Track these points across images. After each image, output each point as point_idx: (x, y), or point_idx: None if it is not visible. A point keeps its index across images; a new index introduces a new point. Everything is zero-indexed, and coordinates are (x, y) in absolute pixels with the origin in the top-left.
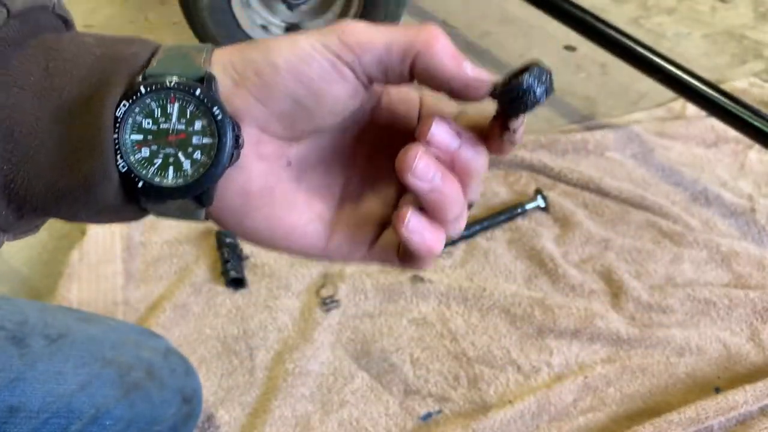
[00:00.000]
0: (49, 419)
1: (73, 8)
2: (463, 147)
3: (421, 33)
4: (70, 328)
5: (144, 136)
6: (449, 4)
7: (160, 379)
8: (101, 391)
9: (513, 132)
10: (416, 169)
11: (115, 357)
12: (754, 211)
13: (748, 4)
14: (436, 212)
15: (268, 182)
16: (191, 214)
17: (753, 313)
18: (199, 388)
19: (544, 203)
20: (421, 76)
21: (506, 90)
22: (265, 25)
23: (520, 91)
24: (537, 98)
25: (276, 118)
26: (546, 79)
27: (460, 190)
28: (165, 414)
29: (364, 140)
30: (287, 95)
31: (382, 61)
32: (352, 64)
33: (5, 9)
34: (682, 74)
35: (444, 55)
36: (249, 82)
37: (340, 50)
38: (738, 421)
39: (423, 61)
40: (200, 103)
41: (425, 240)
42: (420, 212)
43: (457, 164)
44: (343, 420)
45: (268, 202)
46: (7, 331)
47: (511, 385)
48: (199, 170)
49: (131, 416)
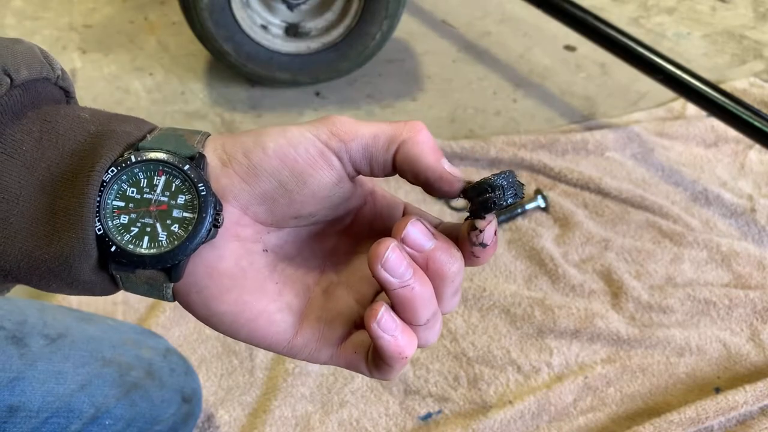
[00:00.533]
0: (49, 418)
1: (73, 8)
2: (437, 249)
3: (407, 125)
4: (69, 327)
5: (126, 204)
6: (449, 4)
7: (159, 378)
8: (101, 391)
9: (480, 232)
10: (387, 261)
11: (115, 357)
12: (754, 211)
13: (748, 4)
14: (406, 312)
15: (240, 264)
16: (160, 289)
17: (753, 313)
18: (198, 387)
19: (544, 203)
20: (402, 165)
21: (476, 186)
22: (265, 25)
23: (489, 188)
24: (505, 197)
25: (258, 200)
26: (515, 183)
27: (432, 293)
28: (164, 413)
29: (345, 237)
30: (271, 176)
31: (368, 149)
32: (339, 152)
33: (9, 79)
34: (682, 74)
35: (425, 146)
36: (237, 162)
37: (328, 138)
38: (738, 421)
39: (405, 151)
40: (186, 179)
41: (397, 341)
42: (393, 312)
43: (430, 266)
44: (343, 420)
45: (238, 285)
46: (7, 330)
47: (511, 385)
48: (174, 242)
49: (131, 416)
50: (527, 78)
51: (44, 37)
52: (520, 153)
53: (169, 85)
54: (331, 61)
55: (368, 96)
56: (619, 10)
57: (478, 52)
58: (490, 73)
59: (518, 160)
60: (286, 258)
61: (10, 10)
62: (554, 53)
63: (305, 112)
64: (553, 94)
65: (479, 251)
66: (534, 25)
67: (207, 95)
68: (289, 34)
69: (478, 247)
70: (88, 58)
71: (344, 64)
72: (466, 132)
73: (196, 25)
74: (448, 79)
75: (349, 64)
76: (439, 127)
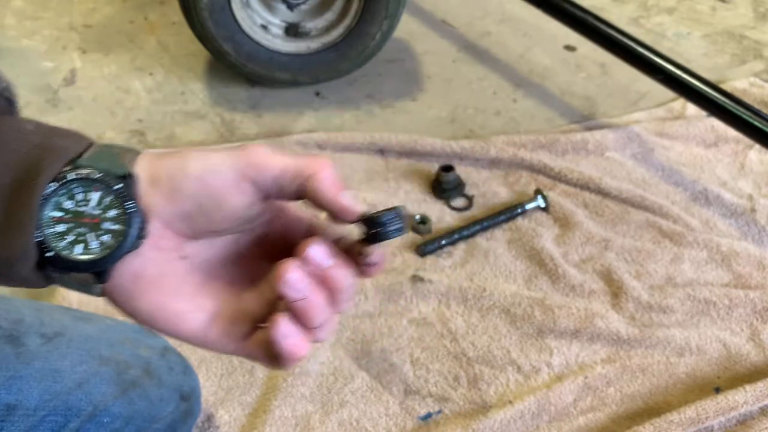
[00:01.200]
0: (47, 417)
1: (72, 8)
2: (334, 267)
3: (313, 162)
4: (66, 326)
5: (63, 214)
6: (449, 4)
7: (157, 377)
8: (98, 389)
9: (367, 255)
10: (288, 279)
11: (113, 355)
12: (754, 211)
13: (748, 4)
14: (302, 318)
15: (160, 270)
16: (89, 288)
17: (753, 313)
18: (197, 386)
19: (544, 203)
20: (307, 195)
21: (369, 219)
22: (265, 25)
23: (380, 223)
24: (390, 232)
25: (179, 217)
26: (402, 221)
27: (326, 303)
28: (163, 411)
29: (256, 247)
30: (191, 198)
31: (277, 180)
32: (253, 180)
33: None
34: (682, 74)
35: (327, 182)
36: (162, 183)
37: (245, 167)
38: (738, 421)
39: (310, 185)
40: (117, 196)
41: (290, 345)
42: (291, 318)
43: (327, 281)
44: (343, 420)
45: (158, 287)
46: (3, 329)
47: (511, 385)
48: (105, 251)
49: (129, 414)
50: (527, 78)
51: (44, 37)
52: (520, 153)
53: (169, 85)
54: (331, 61)
55: (368, 96)
56: (619, 10)
57: (478, 52)
58: (490, 73)
59: (518, 160)
60: (202, 265)
61: (10, 10)
62: (554, 53)
63: (305, 112)
64: (553, 94)
65: (369, 269)
66: (534, 25)
67: (207, 95)
68: (289, 34)
69: (364, 266)
70: (88, 58)
71: (344, 64)
72: (466, 132)
73: (196, 25)
74: (448, 79)
75: (349, 64)
76: (439, 127)
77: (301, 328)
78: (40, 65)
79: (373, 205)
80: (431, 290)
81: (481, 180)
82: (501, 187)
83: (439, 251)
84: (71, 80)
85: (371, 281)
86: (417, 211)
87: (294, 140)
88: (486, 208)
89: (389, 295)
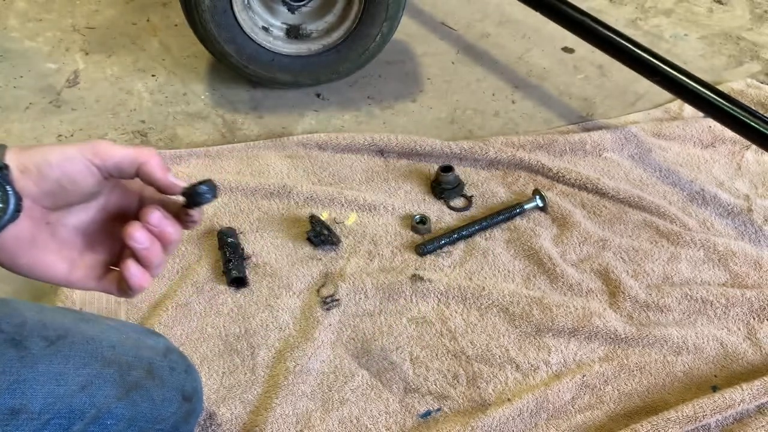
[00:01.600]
0: (51, 420)
1: (75, 9)
2: (166, 225)
3: (144, 152)
4: (68, 329)
5: None
6: (448, 6)
7: (160, 377)
8: (102, 391)
9: (190, 216)
10: (135, 236)
11: (115, 357)
12: (751, 211)
13: (744, 5)
14: (145, 262)
15: (33, 234)
16: None
17: (750, 312)
18: (199, 385)
19: (542, 203)
20: (142, 177)
21: (188, 191)
22: (266, 27)
23: (196, 193)
24: (204, 199)
25: (45, 195)
26: (213, 190)
27: (161, 250)
28: (166, 412)
29: (104, 212)
30: (54, 181)
31: (118, 166)
32: (99, 166)
33: None
34: (680, 75)
35: (156, 167)
36: (31, 171)
37: (92, 157)
38: (735, 419)
39: (143, 169)
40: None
41: (139, 280)
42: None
43: (162, 235)
44: (344, 418)
45: (32, 246)
46: (6, 333)
47: (510, 383)
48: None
49: (132, 415)
50: (526, 79)
51: (47, 38)
52: (518, 153)
53: (171, 87)
54: (332, 63)
55: (368, 97)
56: (617, 12)
57: (477, 53)
58: (489, 75)
59: (517, 161)
60: (65, 227)
61: (13, 12)
62: (552, 55)
63: (306, 113)
64: (551, 95)
65: (191, 225)
66: (532, 27)
67: (209, 96)
68: (290, 36)
69: (189, 223)
70: (91, 60)
71: (345, 65)
72: (465, 133)
73: (198, 27)
74: (448, 80)
75: (349, 66)
76: (439, 128)
77: (144, 268)
78: (43, 67)
79: (211, 183)
80: (431, 289)
81: (480, 180)
82: (500, 187)
83: (439, 251)
84: (74, 81)
85: (371, 280)
86: (417, 211)
87: (295, 141)
88: (485, 208)
89: (389, 294)
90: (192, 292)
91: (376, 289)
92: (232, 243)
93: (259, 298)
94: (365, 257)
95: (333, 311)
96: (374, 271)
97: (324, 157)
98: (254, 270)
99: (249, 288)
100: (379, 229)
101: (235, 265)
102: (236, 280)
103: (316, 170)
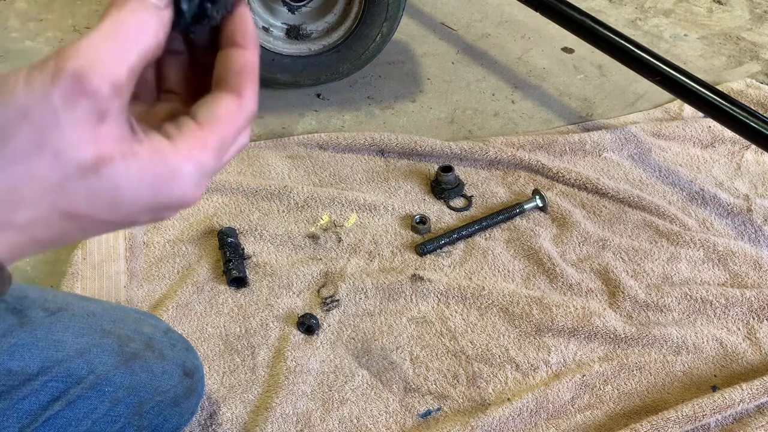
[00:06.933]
0: (48, 382)
1: (76, 10)
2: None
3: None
4: (70, 303)
5: None
6: (448, 6)
7: (160, 351)
8: (100, 359)
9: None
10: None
11: (115, 329)
12: (751, 211)
13: (744, 6)
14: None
15: None
16: None
17: (749, 312)
18: (200, 365)
19: (542, 203)
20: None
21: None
22: (267, 27)
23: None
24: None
25: None
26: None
27: None
28: (166, 384)
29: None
30: None
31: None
32: None
33: None
34: (679, 76)
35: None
36: None
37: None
38: (735, 419)
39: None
40: None
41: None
42: None
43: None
44: (344, 417)
45: None
46: (7, 303)
47: (510, 383)
48: None
49: (131, 384)
50: (525, 79)
51: (47, 38)
52: (518, 154)
53: None
54: (332, 63)
55: (368, 97)
56: (616, 12)
57: (477, 53)
58: (489, 75)
59: (516, 161)
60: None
61: (14, 12)
62: (552, 55)
63: (306, 113)
64: (551, 95)
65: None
66: (532, 28)
67: None
68: (290, 36)
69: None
70: None
71: (345, 65)
72: (465, 133)
73: None
74: (448, 80)
75: (349, 66)
76: (439, 128)
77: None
78: None
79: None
80: (430, 289)
81: (480, 180)
82: (499, 187)
83: (439, 251)
84: None
85: (371, 280)
86: (417, 211)
87: (295, 141)
88: (485, 208)
89: (389, 294)
90: (192, 291)
91: (376, 288)
92: (232, 243)
93: (259, 298)
94: (365, 257)
95: (333, 311)
96: (374, 271)
97: (324, 157)
98: (254, 270)
99: (249, 288)
100: (379, 229)
101: (235, 265)
102: (236, 280)
103: (317, 170)
